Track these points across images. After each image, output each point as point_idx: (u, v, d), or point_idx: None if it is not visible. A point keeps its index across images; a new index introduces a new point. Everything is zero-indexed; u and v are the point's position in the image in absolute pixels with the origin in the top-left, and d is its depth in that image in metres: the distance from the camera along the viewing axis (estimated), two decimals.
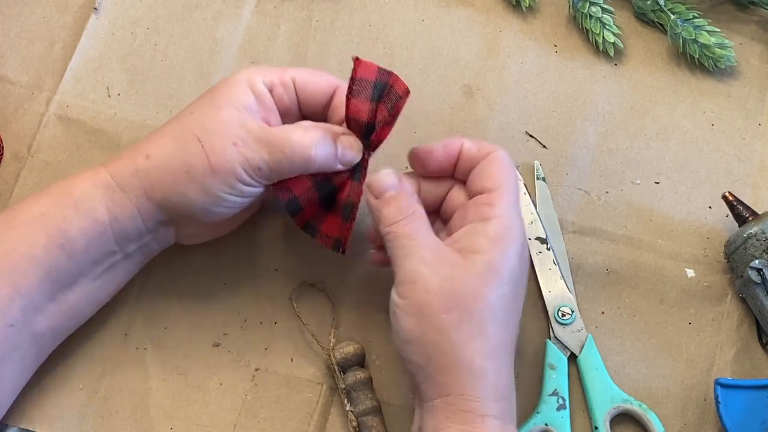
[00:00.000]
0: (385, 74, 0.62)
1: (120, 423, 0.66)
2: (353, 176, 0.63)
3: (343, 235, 0.64)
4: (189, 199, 0.61)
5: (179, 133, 0.61)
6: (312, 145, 0.60)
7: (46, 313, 0.62)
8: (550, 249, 0.69)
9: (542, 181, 0.72)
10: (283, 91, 0.64)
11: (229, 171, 0.60)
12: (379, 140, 0.63)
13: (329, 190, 0.64)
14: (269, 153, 0.60)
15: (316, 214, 0.65)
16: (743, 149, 0.74)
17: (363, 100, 0.61)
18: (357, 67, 0.61)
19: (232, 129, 0.60)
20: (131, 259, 0.65)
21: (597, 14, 0.76)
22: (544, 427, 0.65)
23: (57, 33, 0.76)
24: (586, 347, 0.67)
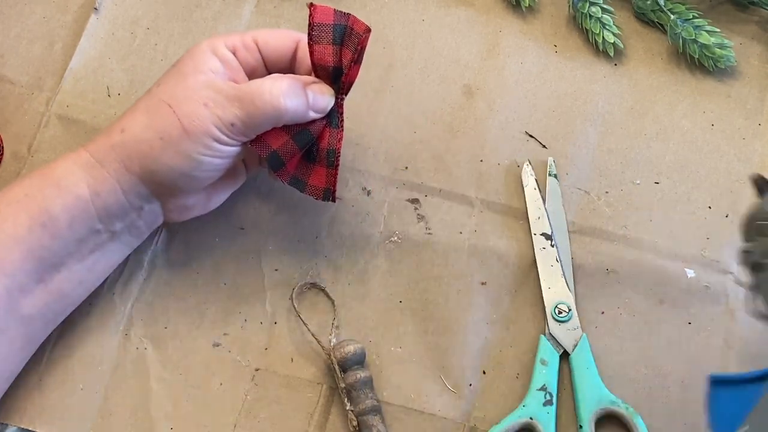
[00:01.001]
0: (343, 16, 0.62)
1: (120, 423, 0.66)
2: (330, 123, 0.64)
3: (330, 184, 0.64)
4: (167, 166, 0.61)
5: (151, 104, 0.62)
6: (281, 94, 0.61)
7: (33, 295, 0.61)
8: (554, 246, 0.70)
9: (554, 178, 0.72)
10: (247, 52, 0.64)
11: (203, 131, 0.60)
12: (349, 82, 0.63)
13: (308, 139, 0.63)
14: (240, 108, 0.61)
15: (301, 167, 0.65)
16: (743, 149, 0.74)
17: (325, 45, 0.62)
18: (313, 13, 0.62)
19: (201, 91, 0.61)
20: (119, 239, 0.64)
21: (597, 14, 0.76)
22: (528, 420, 0.65)
23: (57, 33, 0.76)
24: (580, 346, 0.67)
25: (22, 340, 0.62)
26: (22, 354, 0.63)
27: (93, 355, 0.67)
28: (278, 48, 0.65)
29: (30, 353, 0.64)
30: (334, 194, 0.64)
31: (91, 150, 0.63)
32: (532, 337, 0.68)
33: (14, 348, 0.62)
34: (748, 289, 0.56)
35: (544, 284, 0.69)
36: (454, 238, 0.71)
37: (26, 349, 0.64)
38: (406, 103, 0.75)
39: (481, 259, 0.70)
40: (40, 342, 0.64)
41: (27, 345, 0.63)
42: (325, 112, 0.63)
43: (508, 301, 0.69)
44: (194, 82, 0.62)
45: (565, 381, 0.67)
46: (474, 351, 0.68)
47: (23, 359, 0.64)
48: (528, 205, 0.71)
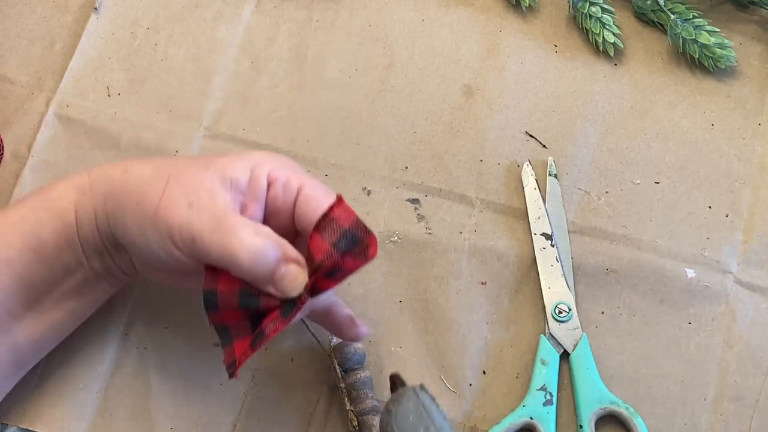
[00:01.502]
0: (362, 230, 0.57)
1: (120, 423, 0.66)
2: (282, 310, 0.57)
3: (242, 359, 0.57)
4: (125, 230, 0.59)
5: (163, 167, 0.59)
6: (251, 252, 0.55)
7: (24, 322, 0.61)
8: (554, 246, 0.70)
9: (554, 178, 0.72)
10: (282, 191, 0.60)
11: (167, 225, 0.57)
12: (318, 287, 0.57)
13: (252, 305, 0.57)
14: (210, 232, 0.56)
15: (240, 326, 0.58)
16: (743, 149, 0.74)
17: (324, 240, 0.56)
18: (335, 207, 0.57)
19: (199, 191, 0.57)
20: (104, 280, 0.63)
21: (597, 14, 0.76)
22: (528, 420, 0.65)
23: (57, 33, 0.76)
24: (580, 346, 0.67)
25: (12, 366, 0.62)
26: (9, 380, 0.63)
27: (93, 355, 0.67)
28: (315, 208, 0.58)
29: (17, 379, 0.64)
30: (236, 371, 0.57)
31: (93, 173, 0.61)
32: (532, 337, 0.68)
33: (3, 373, 0.62)
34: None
35: (544, 284, 0.69)
36: (454, 238, 0.71)
37: (15, 376, 0.63)
38: (406, 103, 0.75)
39: (481, 259, 0.70)
40: (27, 369, 0.64)
41: (16, 372, 0.63)
42: (286, 296, 0.57)
43: (508, 301, 0.69)
44: (207, 178, 0.58)
45: (565, 381, 0.67)
46: (474, 351, 0.68)
47: (10, 385, 0.63)
48: (528, 205, 0.71)
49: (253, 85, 0.75)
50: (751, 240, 0.71)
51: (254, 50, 0.76)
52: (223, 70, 0.75)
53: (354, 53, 0.76)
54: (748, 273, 0.70)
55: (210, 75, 0.75)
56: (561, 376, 0.67)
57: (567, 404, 0.67)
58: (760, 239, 0.71)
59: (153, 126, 0.73)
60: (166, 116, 0.74)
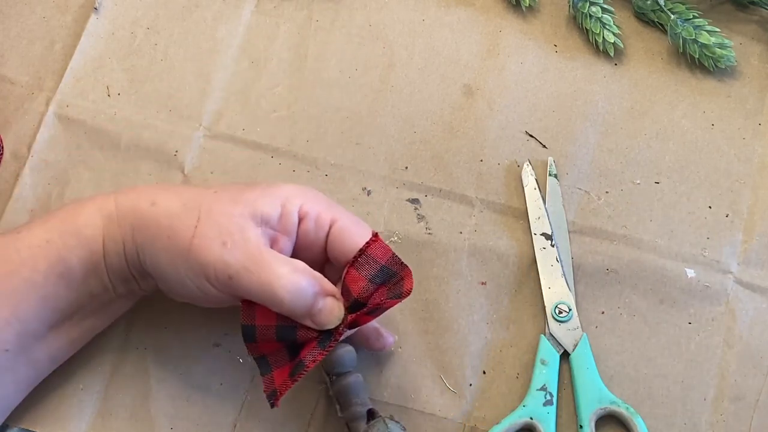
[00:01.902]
0: (398, 265, 0.59)
1: (120, 423, 0.66)
2: (320, 342, 0.59)
3: (281, 389, 0.59)
4: (157, 263, 0.59)
5: (191, 200, 0.60)
6: (290, 290, 0.57)
7: (45, 341, 0.61)
8: (554, 246, 0.70)
9: (554, 178, 0.72)
10: (314, 225, 0.61)
11: (201, 263, 0.58)
12: (357, 322, 0.59)
13: (290, 338, 0.59)
14: (246, 270, 0.57)
15: (278, 355, 0.60)
16: (743, 149, 0.74)
17: (362, 276, 0.59)
18: (371, 244, 0.59)
19: (232, 228, 0.58)
20: (125, 298, 0.64)
21: (597, 14, 0.76)
22: (528, 420, 0.65)
23: (57, 33, 0.76)
24: (580, 346, 0.67)
25: (30, 381, 0.63)
26: (23, 393, 0.63)
27: (93, 355, 0.67)
28: (348, 242, 0.60)
29: (31, 388, 0.64)
30: (277, 401, 0.59)
31: (120, 201, 0.61)
32: (532, 337, 0.68)
33: (19, 388, 0.62)
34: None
35: (544, 284, 0.69)
36: (454, 238, 0.71)
37: (30, 386, 0.64)
38: (406, 103, 0.75)
39: (481, 259, 0.70)
40: (42, 378, 0.64)
41: (32, 383, 0.63)
42: (323, 328, 0.59)
43: (508, 301, 0.69)
44: (239, 214, 0.59)
45: (565, 381, 0.67)
46: (474, 351, 0.68)
47: (25, 394, 0.64)
48: (528, 205, 0.71)
49: (253, 85, 0.75)
50: (751, 240, 0.71)
51: (254, 50, 0.76)
52: (223, 70, 0.75)
53: (354, 53, 0.76)
54: (748, 273, 0.70)
55: (210, 75, 0.75)
56: (561, 376, 0.67)
57: (567, 404, 0.67)
58: (760, 239, 0.71)
59: (153, 126, 0.73)
60: (166, 116, 0.74)
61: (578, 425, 0.66)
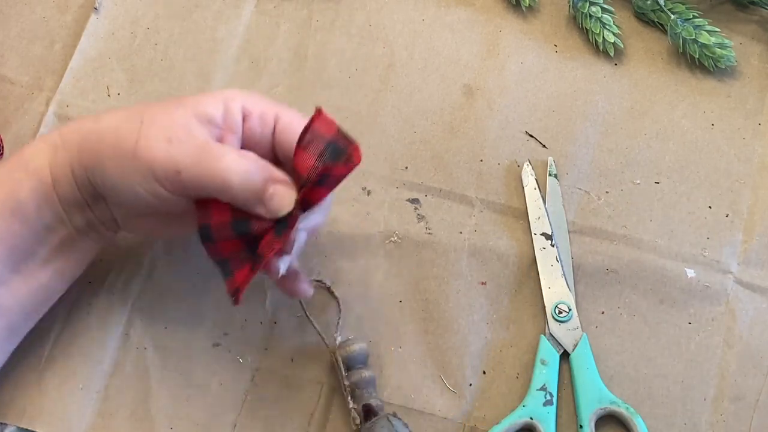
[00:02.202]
0: (345, 140, 0.57)
1: (120, 423, 0.66)
2: (276, 229, 0.58)
3: (243, 285, 0.58)
4: (106, 178, 0.59)
5: (134, 111, 0.60)
6: (237, 172, 0.56)
7: (10, 286, 0.61)
8: (554, 246, 0.70)
9: (554, 178, 0.72)
10: (258, 123, 0.60)
11: (148, 162, 0.57)
12: (309, 200, 0.58)
13: (245, 231, 0.58)
14: (194, 161, 0.57)
15: (237, 257, 0.59)
16: (743, 149, 0.74)
17: (310, 155, 0.57)
18: (315, 119, 0.57)
19: (175, 126, 0.58)
20: (87, 236, 0.63)
21: (597, 14, 0.76)
22: (528, 420, 0.65)
23: (57, 33, 0.76)
24: (580, 346, 0.67)
25: (4, 333, 0.62)
26: (4, 345, 0.63)
27: (93, 355, 0.67)
28: (293, 135, 0.59)
29: (13, 345, 0.63)
30: (239, 297, 0.58)
31: (64, 128, 0.61)
32: (532, 337, 0.68)
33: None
34: None
35: (544, 284, 0.69)
36: (454, 238, 0.71)
37: (9, 341, 0.63)
38: (406, 103, 0.75)
39: (481, 259, 0.70)
40: (22, 335, 0.64)
41: (9, 336, 0.63)
42: (276, 215, 0.58)
43: (508, 301, 0.69)
44: (181, 114, 0.58)
45: (565, 381, 0.67)
46: (474, 351, 0.68)
47: (7, 351, 0.63)
48: (528, 204, 0.71)
49: (253, 85, 0.75)
50: (751, 240, 0.71)
51: (254, 50, 0.76)
52: (223, 70, 0.75)
53: (354, 53, 0.76)
54: (748, 273, 0.70)
55: (210, 75, 0.75)
56: (561, 376, 0.67)
57: (567, 404, 0.67)
58: (760, 239, 0.71)
59: None
60: None
61: (578, 425, 0.66)
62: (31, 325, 0.64)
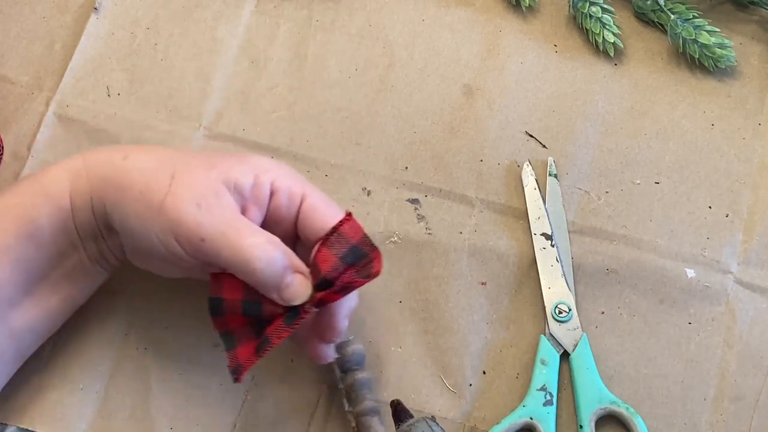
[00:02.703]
0: (369, 246, 0.59)
1: (120, 423, 0.66)
2: (286, 318, 0.58)
3: (247, 364, 0.59)
4: (125, 219, 0.59)
5: (167, 160, 0.60)
6: (260, 258, 0.57)
7: (21, 308, 0.61)
8: (554, 246, 0.70)
9: (554, 178, 0.72)
10: (286, 201, 0.61)
11: (173, 222, 0.57)
12: (324, 300, 0.59)
13: (256, 313, 0.59)
14: (220, 234, 0.57)
15: (242, 331, 0.60)
16: (743, 149, 0.74)
17: (333, 254, 0.58)
18: (344, 223, 0.59)
19: (207, 191, 0.58)
20: (97, 263, 0.63)
21: (597, 14, 0.76)
22: (528, 420, 0.65)
23: (57, 33, 0.76)
24: (580, 346, 0.67)
25: (11, 355, 0.62)
26: (10, 368, 0.63)
27: (93, 355, 0.67)
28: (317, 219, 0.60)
29: (16, 368, 0.64)
30: (241, 376, 0.58)
31: (88, 157, 0.61)
32: (532, 337, 0.68)
33: (3, 360, 0.62)
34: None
35: (544, 284, 0.69)
36: (454, 238, 0.71)
37: (14, 364, 0.63)
38: (406, 103, 0.75)
39: (481, 259, 0.70)
40: (25, 358, 0.64)
41: (16, 359, 0.63)
42: (289, 303, 0.58)
43: (508, 301, 0.69)
44: (212, 181, 0.59)
45: (565, 381, 0.67)
46: (474, 351, 0.68)
47: (10, 373, 0.63)
48: (528, 205, 0.71)
49: (253, 85, 0.75)
50: (751, 240, 0.71)
51: (254, 50, 0.76)
52: (223, 70, 0.75)
53: (354, 53, 0.76)
54: (748, 273, 0.70)
55: (210, 75, 0.75)
56: (561, 376, 0.67)
57: (567, 404, 0.67)
58: (760, 239, 0.71)
59: (153, 126, 0.73)
60: (166, 116, 0.74)
61: (578, 425, 0.66)
62: (35, 348, 0.64)
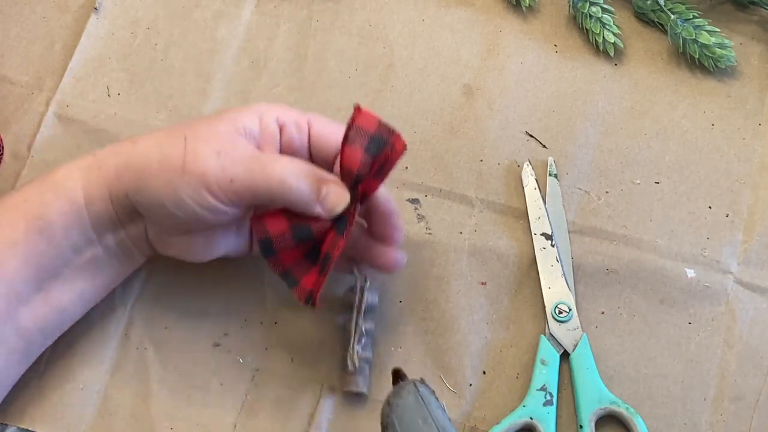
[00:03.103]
0: (387, 131, 0.60)
1: (120, 423, 0.66)
2: (337, 229, 0.60)
3: (315, 288, 0.60)
4: (153, 190, 0.59)
5: (174, 130, 0.61)
6: (291, 173, 0.58)
7: (32, 305, 0.61)
8: (554, 246, 0.70)
9: (554, 178, 0.72)
10: (296, 131, 0.62)
11: (200, 173, 0.58)
12: (366, 192, 0.61)
13: (307, 236, 0.60)
14: (247, 169, 0.58)
15: (299, 265, 0.61)
16: (743, 149, 0.74)
17: (357, 148, 0.59)
18: (356, 116, 0.60)
19: (221, 140, 0.59)
20: (115, 257, 0.64)
21: (597, 14, 0.76)
22: (528, 420, 0.65)
23: (57, 33, 0.76)
24: (580, 346, 0.67)
25: (20, 353, 0.62)
26: (19, 367, 0.63)
27: (93, 355, 0.67)
28: (329, 139, 0.62)
29: (26, 366, 0.64)
30: (316, 299, 0.60)
31: (99, 153, 0.62)
32: (532, 337, 0.68)
33: (12, 360, 0.62)
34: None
35: (544, 284, 0.69)
36: (454, 238, 0.71)
37: (23, 363, 0.63)
38: (406, 103, 0.75)
39: (481, 259, 0.70)
40: (36, 357, 0.64)
41: (25, 358, 0.63)
42: (334, 213, 0.60)
43: (508, 301, 0.69)
44: (223, 130, 0.60)
45: (565, 381, 0.67)
46: (474, 351, 0.68)
47: (19, 373, 0.63)
48: (528, 205, 0.71)
49: (253, 85, 0.75)
50: (751, 240, 0.71)
51: (254, 50, 0.76)
52: (223, 70, 0.75)
53: (354, 53, 0.76)
54: (748, 273, 0.70)
55: (210, 75, 0.75)
56: (561, 376, 0.67)
57: (567, 404, 0.67)
58: (760, 239, 0.71)
59: (153, 126, 0.73)
60: (166, 116, 0.74)
61: (578, 425, 0.66)
62: (44, 347, 0.64)
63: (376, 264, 0.65)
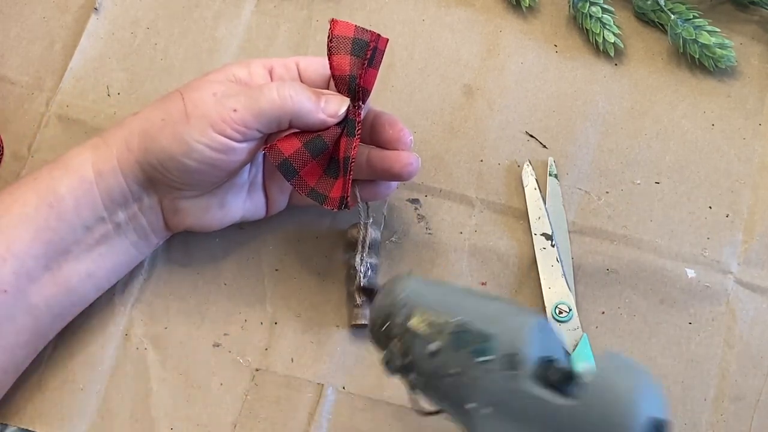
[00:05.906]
0: (364, 32, 0.63)
1: (120, 423, 0.66)
2: (347, 132, 0.63)
3: (345, 192, 0.62)
4: (162, 146, 0.61)
5: (169, 94, 0.63)
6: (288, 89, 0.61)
7: (41, 283, 0.61)
8: (554, 246, 0.70)
9: (554, 178, 0.72)
10: (285, 70, 0.65)
11: (202, 115, 0.60)
12: (365, 87, 0.63)
13: (321, 147, 0.62)
14: (248, 97, 0.60)
15: (322, 181, 0.64)
16: (743, 149, 0.74)
17: (343, 55, 0.62)
18: (333, 26, 0.62)
19: (213, 84, 0.62)
20: (125, 235, 0.64)
21: (597, 14, 0.76)
22: None
23: (57, 33, 0.76)
24: (580, 346, 0.67)
25: (30, 333, 0.62)
26: (27, 348, 0.63)
27: (93, 355, 0.67)
28: (316, 68, 0.65)
29: (36, 350, 0.64)
30: (348, 201, 0.62)
31: (104, 134, 0.64)
32: None
33: (21, 340, 0.62)
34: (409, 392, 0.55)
35: (544, 284, 0.69)
36: (454, 238, 0.71)
37: (32, 344, 0.63)
38: (406, 103, 0.75)
39: (481, 259, 0.70)
40: (47, 339, 0.64)
41: (33, 339, 0.63)
42: (338, 116, 0.62)
43: None
44: (213, 78, 0.63)
45: None
46: None
47: (28, 355, 0.63)
48: (528, 205, 0.71)
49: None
50: (751, 240, 0.71)
51: (254, 50, 0.76)
52: None
53: None
54: (748, 273, 0.70)
55: None
56: None
57: None
58: (760, 239, 0.71)
59: None
60: None
61: None
62: (58, 329, 0.64)
63: (393, 172, 0.65)
